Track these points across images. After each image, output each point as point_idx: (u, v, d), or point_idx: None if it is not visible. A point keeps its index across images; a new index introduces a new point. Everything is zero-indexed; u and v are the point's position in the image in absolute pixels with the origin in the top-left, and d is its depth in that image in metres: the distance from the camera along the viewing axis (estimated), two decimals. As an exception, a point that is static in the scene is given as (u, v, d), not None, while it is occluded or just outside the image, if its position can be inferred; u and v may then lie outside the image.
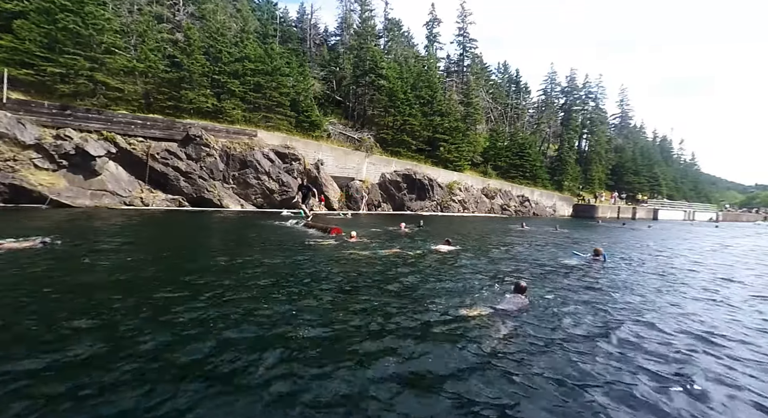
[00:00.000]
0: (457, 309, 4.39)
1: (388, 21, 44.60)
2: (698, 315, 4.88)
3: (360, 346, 3.29)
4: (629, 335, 3.95)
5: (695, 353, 3.56)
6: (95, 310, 3.87)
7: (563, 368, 3.08)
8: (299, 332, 3.49)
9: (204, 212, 17.60)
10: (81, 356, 2.86)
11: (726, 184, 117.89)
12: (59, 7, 17.00)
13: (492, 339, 3.59)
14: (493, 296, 4.98)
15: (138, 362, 2.77)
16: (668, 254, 11.43)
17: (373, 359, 3.03)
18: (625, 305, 5.18)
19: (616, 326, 4.21)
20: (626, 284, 6.58)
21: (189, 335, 3.30)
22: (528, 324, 4.10)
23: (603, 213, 41.69)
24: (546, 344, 3.57)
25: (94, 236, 8.94)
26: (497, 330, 3.84)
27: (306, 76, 29.78)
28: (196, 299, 4.32)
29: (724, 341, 3.96)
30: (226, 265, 6.29)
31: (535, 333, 3.83)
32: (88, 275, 5.23)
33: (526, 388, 2.72)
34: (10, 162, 14.57)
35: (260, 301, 4.40)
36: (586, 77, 55.08)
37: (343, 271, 6.35)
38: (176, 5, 28.13)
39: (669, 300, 5.61)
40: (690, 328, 4.33)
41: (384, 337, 3.52)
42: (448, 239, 9.62)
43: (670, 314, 4.89)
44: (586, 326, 4.20)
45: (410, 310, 4.36)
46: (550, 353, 3.38)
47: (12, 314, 3.69)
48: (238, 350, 3.08)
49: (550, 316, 4.44)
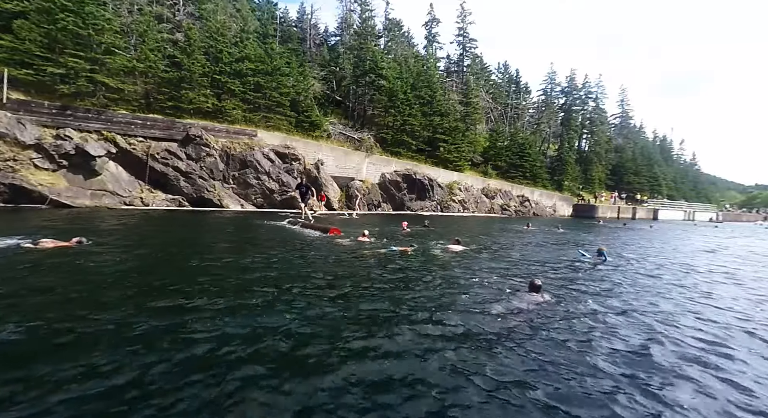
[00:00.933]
0: (476, 307, 4.52)
1: (388, 21, 44.61)
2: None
3: (375, 341, 3.39)
4: (640, 330, 4.01)
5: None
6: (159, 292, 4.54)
7: (582, 362, 3.18)
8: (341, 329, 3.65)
9: (204, 212, 17.60)
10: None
11: (726, 184, 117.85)
12: (59, 7, 16.99)
13: (508, 335, 3.68)
14: (509, 295, 5.06)
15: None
16: (681, 255, 11.47)
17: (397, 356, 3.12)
18: (636, 301, 5.26)
19: (630, 322, 4.34)
20: (634, 283, 6.62)
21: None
22: (544, 321, 4.19)
23: (603, 213, 41.71)
24: (565, 339, 3.68)
25: (119, 235, 9.24)
26: (514, 326, 3.93)
27: (306, 76, 29.77)
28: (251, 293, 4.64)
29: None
30: (246, 264, 6.42)
31: (551, 329, 3.93)
32: (134, 268, 5.79)
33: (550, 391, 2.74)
34: (10, 162, 14.56)
35: (318, 290, 4.98)
36: (585, 77, 55.13)
37: (359, 269, 6.52)
38: (176, 5, 28.12)
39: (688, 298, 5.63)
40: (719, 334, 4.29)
41: (405, 334, 3.59)
42: (457, 239, 9.60)
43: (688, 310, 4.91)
44: (600, 323, 4.30)
45: (434, 307, 4.45)
46: (566, 348, 3.46)
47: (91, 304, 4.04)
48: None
49: (564, 313, 4.53)
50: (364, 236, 9.82)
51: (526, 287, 5.11)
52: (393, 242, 9.84)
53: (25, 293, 4.22)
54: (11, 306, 3.76)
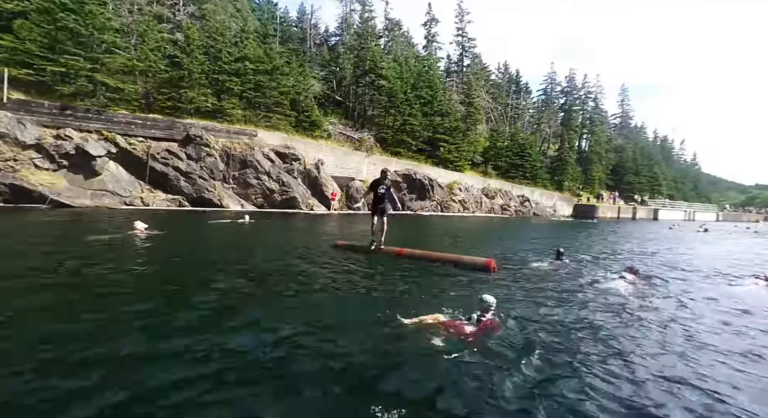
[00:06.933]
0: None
1: (388, 21, 44.69)
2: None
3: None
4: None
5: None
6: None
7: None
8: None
9: (205, 211, 17.58)
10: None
11: (726, 184, 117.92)
12: (59, 7, 16.97)
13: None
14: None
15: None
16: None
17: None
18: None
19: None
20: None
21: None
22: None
23: (603, 213, 41.77)
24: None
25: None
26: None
27: (306, 76, 29.75)
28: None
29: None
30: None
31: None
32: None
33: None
34: (11, 162, 14.55)
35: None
36: (585, 77, 55.24)
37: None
38: (176, 5, 28.13)
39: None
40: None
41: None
42: (630, 267, 6.87)
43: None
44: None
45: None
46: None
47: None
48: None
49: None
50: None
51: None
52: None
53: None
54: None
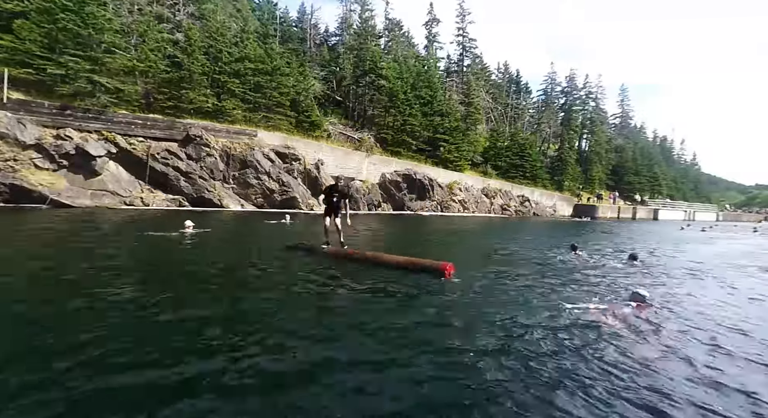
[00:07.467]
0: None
1: (388, 21, 44.67)
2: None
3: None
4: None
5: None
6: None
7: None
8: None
9: (205, 212, 17.59)
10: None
11: (726, 184, 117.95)
12: (59, 7, 16.97)
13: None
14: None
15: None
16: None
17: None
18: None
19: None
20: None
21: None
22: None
23: (603, 213, 41.75)
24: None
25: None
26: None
27: (306, 76, 29.75)
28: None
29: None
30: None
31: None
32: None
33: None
34: (11, 162, 14.57)
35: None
36: (586, 77, 55.22)
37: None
38: (176, 5, 28.12)
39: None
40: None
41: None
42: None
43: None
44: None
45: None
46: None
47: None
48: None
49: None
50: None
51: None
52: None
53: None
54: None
